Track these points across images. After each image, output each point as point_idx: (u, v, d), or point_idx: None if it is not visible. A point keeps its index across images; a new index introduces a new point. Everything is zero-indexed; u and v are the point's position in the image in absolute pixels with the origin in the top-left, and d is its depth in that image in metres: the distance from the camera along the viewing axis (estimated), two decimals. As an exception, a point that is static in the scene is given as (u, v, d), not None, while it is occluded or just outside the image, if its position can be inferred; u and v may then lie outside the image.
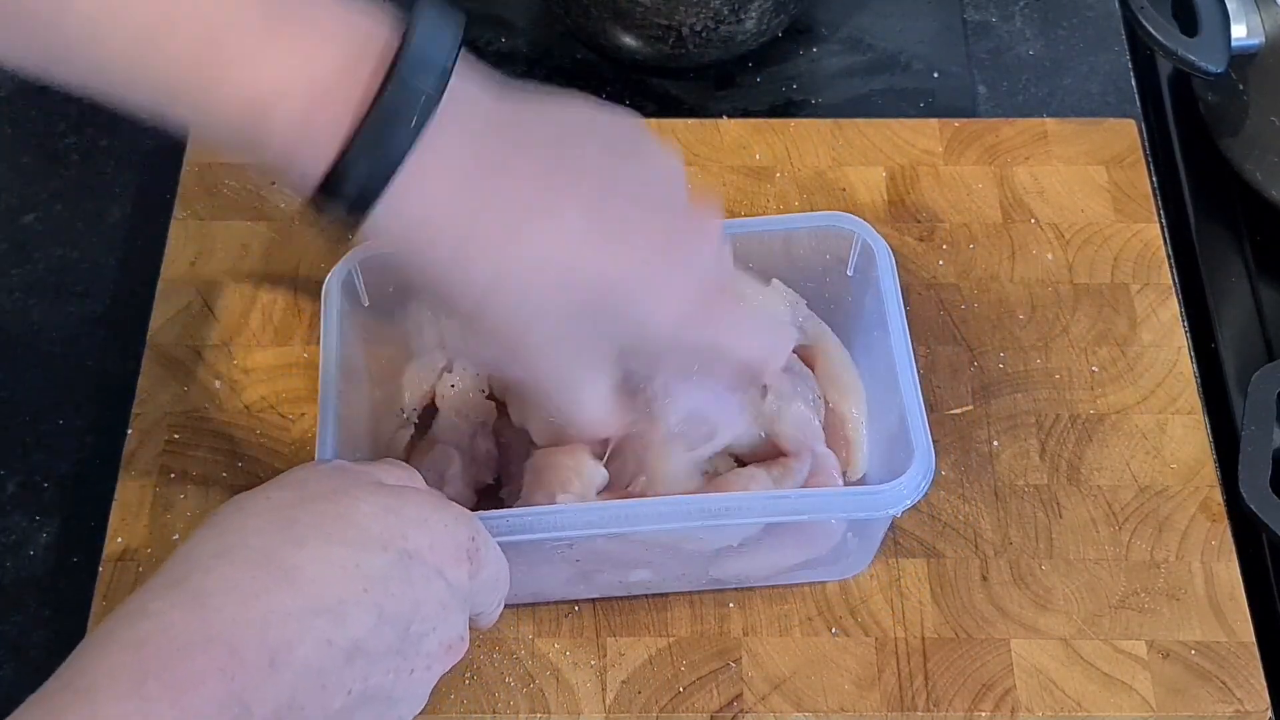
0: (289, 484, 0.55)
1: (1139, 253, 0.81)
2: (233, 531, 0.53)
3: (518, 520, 0.61)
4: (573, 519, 0.62)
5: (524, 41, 0.94)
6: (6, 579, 0.73)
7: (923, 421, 0.64)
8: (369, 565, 0.52)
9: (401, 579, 0.53)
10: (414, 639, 0.54)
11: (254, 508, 0.54)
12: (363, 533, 0.53)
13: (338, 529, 0.53)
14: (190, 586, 0.50)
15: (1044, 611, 0.70)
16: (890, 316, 0.68)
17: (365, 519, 0.53)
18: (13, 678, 0.70)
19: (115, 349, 0.80)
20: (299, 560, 0.51)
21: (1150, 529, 0.72)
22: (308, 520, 0.53)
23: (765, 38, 0.90)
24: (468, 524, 0.57)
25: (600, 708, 0.67)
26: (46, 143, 0.88)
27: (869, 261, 0.70)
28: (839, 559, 0.69)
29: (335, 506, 0.54)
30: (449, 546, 0.56)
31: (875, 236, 0.70)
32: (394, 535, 0.54)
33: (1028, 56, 0.93)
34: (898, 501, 0.63)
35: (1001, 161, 0.85)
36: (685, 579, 0.69)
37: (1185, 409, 0.76)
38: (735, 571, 0.69)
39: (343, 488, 0.55)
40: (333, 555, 0.52)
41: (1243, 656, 0.68)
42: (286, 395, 0.76)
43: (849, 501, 0.64)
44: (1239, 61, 0.82)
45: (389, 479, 0.58)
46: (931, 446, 0.64)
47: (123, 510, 0.72)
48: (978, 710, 0.67)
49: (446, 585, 0.55)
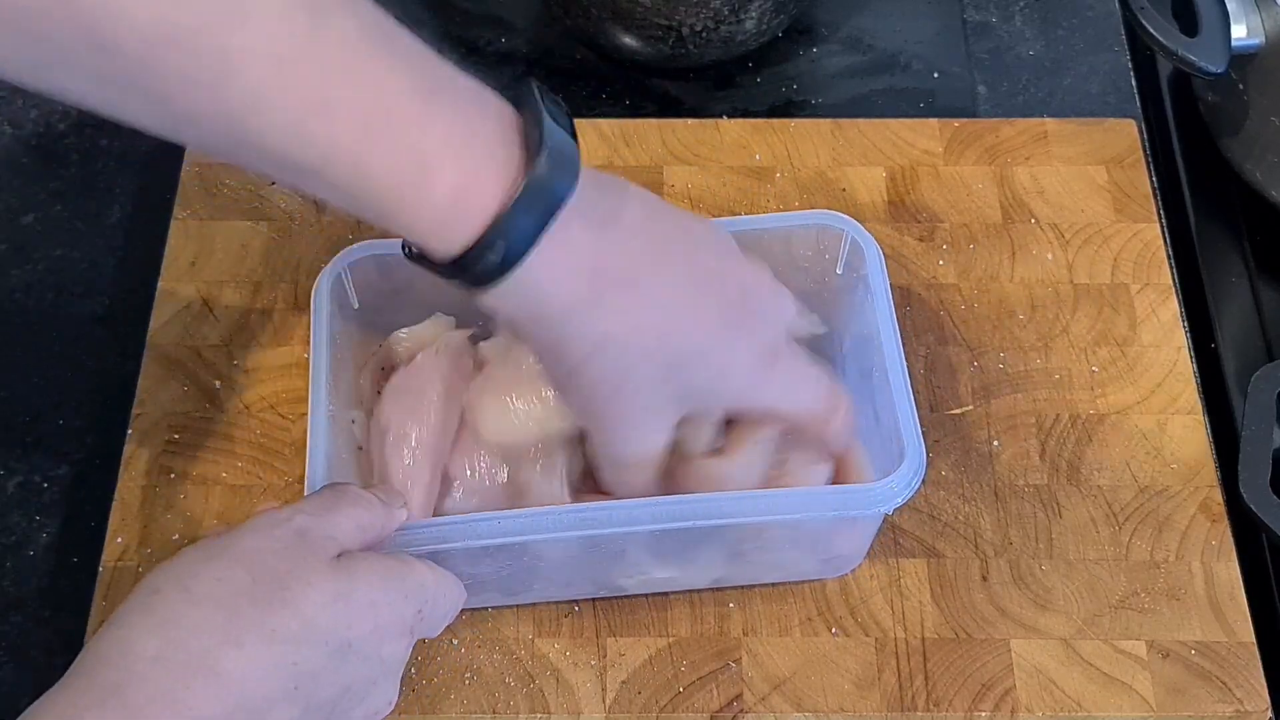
0: (242, 557, 0.55)
1: (1139, 253, 0.81)
2: (174, 624, 0.53)
3: (510, 523, 0.62)
4: (555, 521, 0.62)
5: (524, 41, 0.94)
6: (6, 579, 0.73)
7: (913, 419, 0.64)
8: (306, 662, 0.54)
9: (335, 669, 0.55)
10: (339, 715, 0.56)
11: (201, 592, 0.54)
12: (307, 626, 0.54)
13: (281, 622, 0.54)
14: (126, 699, 0.51)
15: (1044, 611, 0.70)
16: (880, 314, 0.68)
17: (313, 609, 0.54)
18: (13, 678, 0.70)
19: (115, 349, 0.80)
20: (232, 665, 0.52)
21: (1150, 529, 0.72)
22: (251, 614, 0.53)
23: (765, 38, 0.90)
24: (418, 594, 0.59)
25: (600, 708, 0.67)
26: (46, 143, 0.88)
27: (859, 259, 0.70)
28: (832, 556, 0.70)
29: (284, 594, 0.54)
30: (393, 626, 0.58)
31: (864, 234, 0.70)
32: (339, 626, 0.55)
33: (1028, 56, 0.93)
34: (889, 499, 0.63)
35: (1001, 161, 0.85)
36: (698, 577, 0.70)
37: (1185, 409, 0.76)
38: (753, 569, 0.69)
39: (296, 570, 0.55)
40: (270, 655, 0.53)
41: (1243, 656, 0.69)
42: (286, 395, 0.76)
43: (840, 500, 0.64)
44: (1239, 61, 0.82)
45: (353, 530, 0.58)
46: (923, 444, 0.64)
47: (123, 510, 0.72)
48: (978, 710, 0.67)
49: (381, 663, 0.57)
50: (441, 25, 0.94)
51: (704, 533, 0.65)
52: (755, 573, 0.70)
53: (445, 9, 0.95)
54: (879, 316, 0.68)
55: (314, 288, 0.69)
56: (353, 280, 0.70)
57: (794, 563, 0.70)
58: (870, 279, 0.69)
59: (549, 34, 0.94)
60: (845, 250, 0.71)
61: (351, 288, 0.70)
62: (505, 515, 0.62)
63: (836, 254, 0.72)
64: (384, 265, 0.70)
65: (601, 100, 0.91)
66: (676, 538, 0.65)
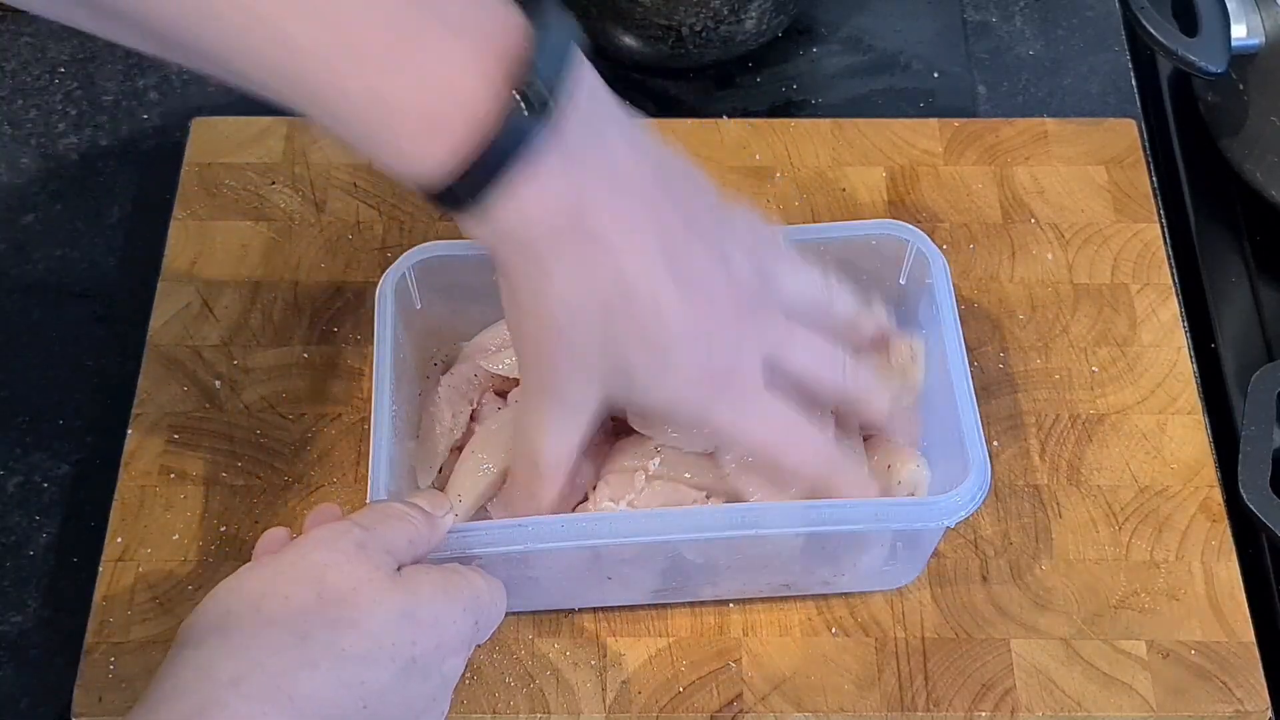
0: (309, 574, 0.56)
1: (1139, 253, 0.81)
2: (250, 647, 0.53)
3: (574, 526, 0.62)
4: (602, 528, 0.62)
5: (524, 41, 0.94)
6: (6, 579, 0.73)
7: (978, 433, 0.64)
8: (374, 681, 0.54)
9: (401, 687, 0.55)
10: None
11: (271, 612, 0.54)
12: (374, 645, 0.55)
13: (350, 641, 0.54)
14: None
15: (1044, 611, 0.70)
16: (946, 328, 0.67)
17: (379, 628, 0.55)
18: (13, 678, 0.70)
19: (115, 349, 0.80)
20: (308, 688, 0.53)
21: (1150, 529, 0.72)
22: (323, 637, 0.54)
23: (765, 38, 0.90)
24: (474, 606, 0.59)
25: (600, 708, 0.67)
26: (46, 143, 0.88)
27: (923, 270, 0.70)
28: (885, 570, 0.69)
29: (351, 614, 0.55)
30: (454, 643, 0.58)
31: (931, 246, 0.70)
32: (404, 644, 0.56)
33: (1028, 56, 0.93)
34: (952, 513, 0.62)
35: (1001, 161, 0.85)
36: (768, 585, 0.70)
37: (1185, 409, 0.76)
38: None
39: (360, 587, 0.56)
40: (342, 675, 0.54)
41: (1243, 656, 0.69)
42: (286, 395, 0.76)
43: (903, 512, 0.63)
44: (1239, 61, 0.82)
45: (405, 545, 0.59)
46: (988, 458, 0.63)
47: (123, 510, 0.72)
48: (978, 710, 0.67)
49: (441, 679, 0.58)
50: (441, 25, 0.94)
51: None
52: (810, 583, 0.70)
53: (445, 9, 0.95)
54: (944, 328, 0.67)
55: (378, 287, 0.68)
56: (415, 280, 0.70)
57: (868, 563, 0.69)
58: (936, 291, 0.69)
59: (549, 34, 0.94)
60: (910, 261, 0.71)
61: (415, 288, 0.70)
62: (567, 520, 0.62)
63: (893, 262, 0.71)
64: (448, 265, 0.70)
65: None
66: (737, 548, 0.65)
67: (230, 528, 0.72)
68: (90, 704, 0.67)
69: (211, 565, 0.70)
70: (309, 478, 0.73)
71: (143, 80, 0.91)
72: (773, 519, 0.62)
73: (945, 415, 0.66)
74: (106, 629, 0.69)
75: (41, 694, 0.69)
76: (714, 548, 0.65)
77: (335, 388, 0.76)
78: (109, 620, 0.69)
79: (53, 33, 0.93)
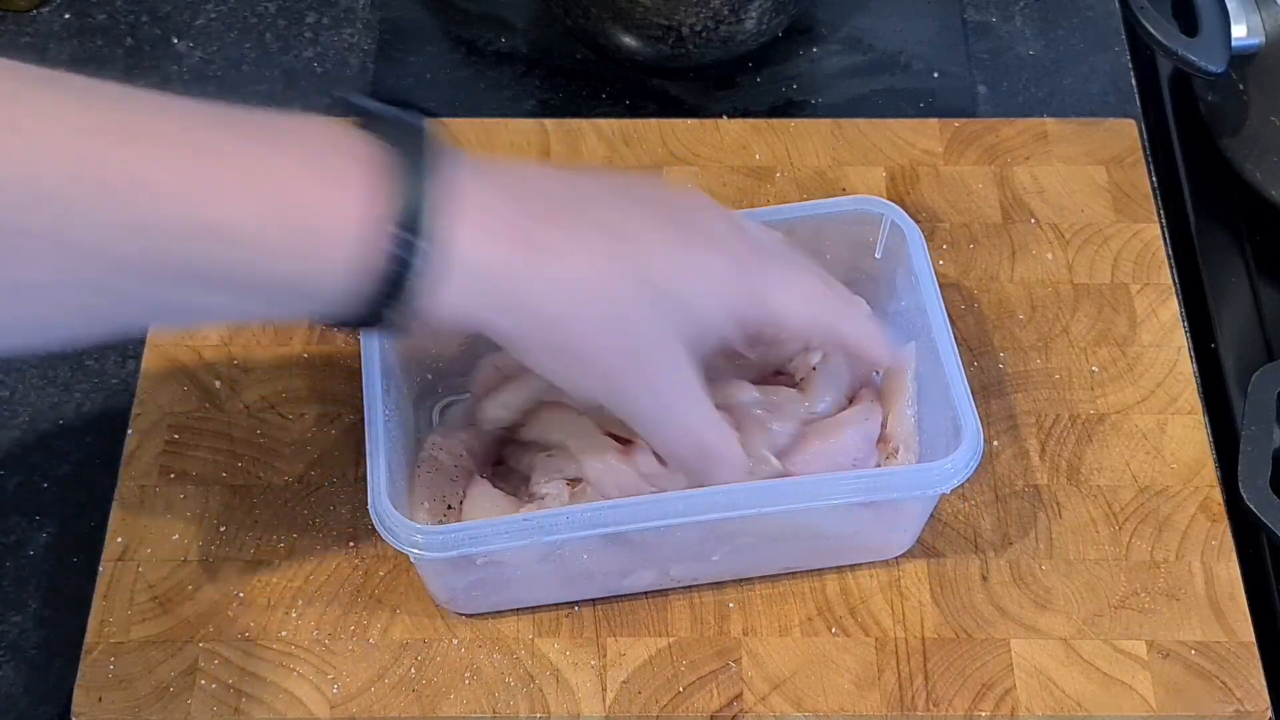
0: None
1: (1139, 253, 0.81)
2: None
3: None
4: (612, 515, 0.62)
5: (524, 41, 0.94)
6: (6, 579, 0.73)
7: (969, 400, 0.65)
8: None
9: None
10: None
11: None
12: None
13: None
14: None
15: (1044, 611, 0.70)
16: (927, 297, 0.68)
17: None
18: (13, 677, 0.70)
19: (115, 349, 0.80)
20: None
21: (1150, 529, 0.72)
22: None
23: (765, 38, 0.90)
24: None
25: (600, 708, 0.67)
26: (46, 143, 0.88)
27: (899, 244, 0.70)
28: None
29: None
30: None
31: (905, 218, 0.70)
32: None
33: (1028, 56, 0.93)
34: (946, 480, 0.63)
35: (1001, 161, 0.85)
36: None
37: (1185, 409, 0.76)
38: None
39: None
40: None
41: (1243, 656, 0.69)
42: (286, 395, 0.76)
43: (895, 481, 0.64)
44: (1239, 61, 0.82)
45: None
46: (980, 425, 0.64)
47: (123, 510, 0.72)
48: (978, 710, 0.67)
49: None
50: (441, 25, 0.94)
51: None
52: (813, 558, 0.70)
53: (445, 9, 0.95)
54: (925, 298, 0.68)
55: None
56: None
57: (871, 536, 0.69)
58: (913, 261, 0.69)
59: (549, 34, 0.94)
60: (884, 234, 0.71)
61: None
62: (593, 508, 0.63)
63: (866, 239, 0.71)
64: None
65: (601, 100, 0.91)
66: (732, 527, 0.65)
67: (230, 528, 0.72)
68: (90, 704, 0.67)
69: (211, 565, 0.70)
70: (309, 478, 0.73)
71: (143, 81, 0.91)
72: (759, 499, 0.63)
73: (935, 388, 0.67)
74: (106, 629, 0.68)
75: (41, 694, 0.69)
76: (729, 525, 0.65)
77: (335, 388, 0.76)
78: (109, 620, 0.69)
79: (53, 33, 0.93)
